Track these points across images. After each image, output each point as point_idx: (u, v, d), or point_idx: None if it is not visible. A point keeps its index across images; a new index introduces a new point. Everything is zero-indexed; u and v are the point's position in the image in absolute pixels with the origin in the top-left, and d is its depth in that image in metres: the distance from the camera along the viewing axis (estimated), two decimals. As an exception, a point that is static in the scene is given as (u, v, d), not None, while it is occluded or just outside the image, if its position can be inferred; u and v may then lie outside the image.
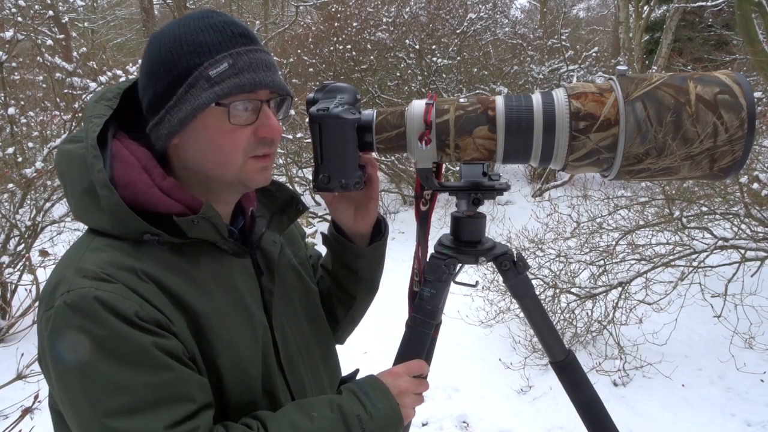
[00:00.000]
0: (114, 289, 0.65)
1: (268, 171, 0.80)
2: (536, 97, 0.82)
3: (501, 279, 1.17)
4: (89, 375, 0.63)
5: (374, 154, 0.95)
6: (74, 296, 0.64)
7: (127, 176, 0.72)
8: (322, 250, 1.09)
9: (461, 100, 0.85)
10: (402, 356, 0.92)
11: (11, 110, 3.72)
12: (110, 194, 0.69)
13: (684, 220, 3.58)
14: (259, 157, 0.77)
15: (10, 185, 3.47)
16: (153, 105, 0.74)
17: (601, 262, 3.67)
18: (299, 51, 8.35)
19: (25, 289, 3.72)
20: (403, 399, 0.83)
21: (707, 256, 3.44)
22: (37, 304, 3.33)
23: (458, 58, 7.82)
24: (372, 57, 7.72)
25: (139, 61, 5.34)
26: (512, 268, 0.97)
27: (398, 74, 7.75)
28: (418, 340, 0.93)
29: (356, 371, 0.90)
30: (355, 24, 8.09)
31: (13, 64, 4.36)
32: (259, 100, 0.74)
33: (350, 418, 0.75)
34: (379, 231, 1.02)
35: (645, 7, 11.39)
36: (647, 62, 11.55)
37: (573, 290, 3.57)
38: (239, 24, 0.75)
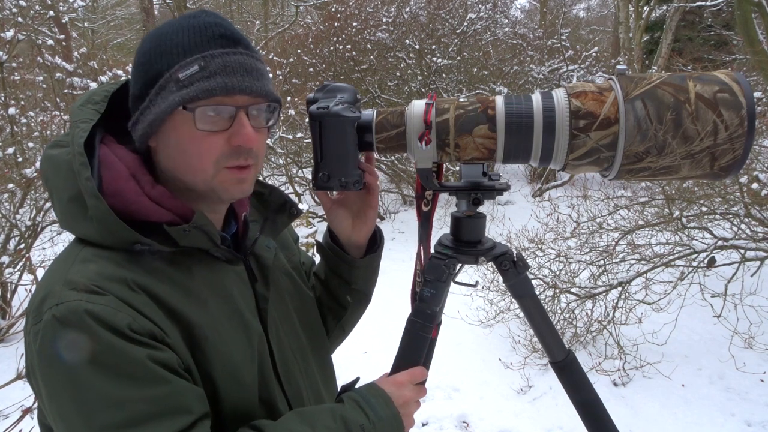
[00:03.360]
0: (105, 301, 0.63)
1: (246, 184, 0.75)
2: (536, 97, 0.82)
3: (501, 279, 1.17)
4: (82, 390, 0.61)
5: (374, 154, 0.94)
6: (64, 310, 0.61)
7: (116, 184, 0.69)
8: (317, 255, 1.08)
9: (461, 99, 0.85)
10: (401, 359, 0.92)
11: (11, 110, 3.72)
12: (99, 203, 0.66)
13: (684, 220, 3.58)
14: (235, 169, 0.73)
15: (10, 185, 3.48)
16: (133, 105, 0.73)
17: (601, 262, 3.67)
18: (299, 51, 8.35)
19: (25, 289, 3.72)
20: (407, 409, 0.82)
21: (707, 256, 3.44)
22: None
23: (458, 58, 7.82)
24: (372, 57, 7.72)
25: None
26: (512, 268, 0.97)
27: (398, 74, 7.76)
28: (417, 343, 0.93)
29: (357, 379, 0.88)
30: (355, 24, 8.09)
31: (13, 64, 4.37)
32: (234, 106, 0.70)
33: (354, 428, 0.74)
34: (375, 242, 1.01)
35: (645, 7, 11.39)
36: (647, 62, 11.56)
37: (573, 290, 3.57)
38: (225, 25, 0.71)
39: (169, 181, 0.75)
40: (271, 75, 0.81)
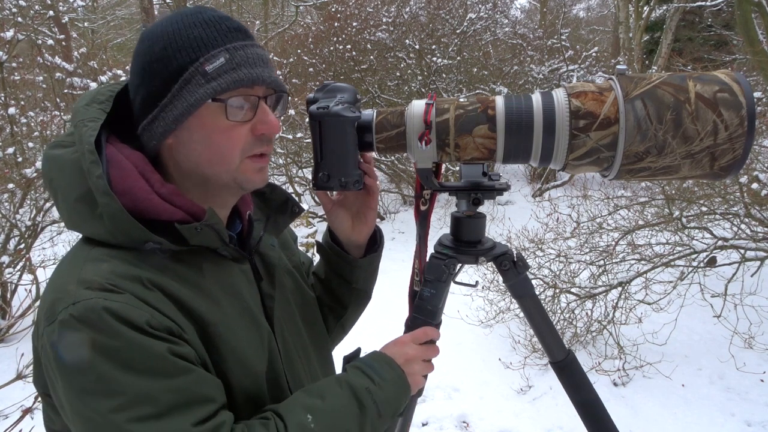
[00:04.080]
0: (123, 299, 0.63)
1: (265, 172, 0.78)
2: (536, 97, 0.82)
3: (501, 279, 1.17)
4: (107, 388, 0.61)
5: (374, 154, 0.94)
6: (81, 308, 0.61)
7: (125, 183, 0.69)
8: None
9: (461, 99, 0.85)
10: None
11: (11, 110, 3.71)
12: (111, 201, 0.66)
13: (684, 220, 3.58)
14: (256, 157, 0.75)
15: (10, 185, 3.48)
16: (147, 103, 0.72)
17: (601, 262, 3.67)
18: (299, 51, 8.35)
19: (25, 289, 3.72)
20: (410, 367, 0.84)
21: (707, 256, 3.44)
22: (37, 304, 3.33)
23: (458, 58, 7.82)
24: (372, 57, 7.72)
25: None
26: (512, 268, 0.97)
27: (398, 74, 7.76)
28: None
29: (359, 349, 0.90)
30: (355, 24, 8.09)
31: (13, 64, 4.37)
32: (257, 96, 0.72)
33: (359, 391, 0.76)
34: (375, 242, 1.02)
35: (645, 7, 11.39)
36: (647, 62, 11.56)
37: (573, 290, 3.57)
38: (233, 19, 0.74)
39: (184, 179, 0.76)
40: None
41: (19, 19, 4.55)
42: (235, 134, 0.72)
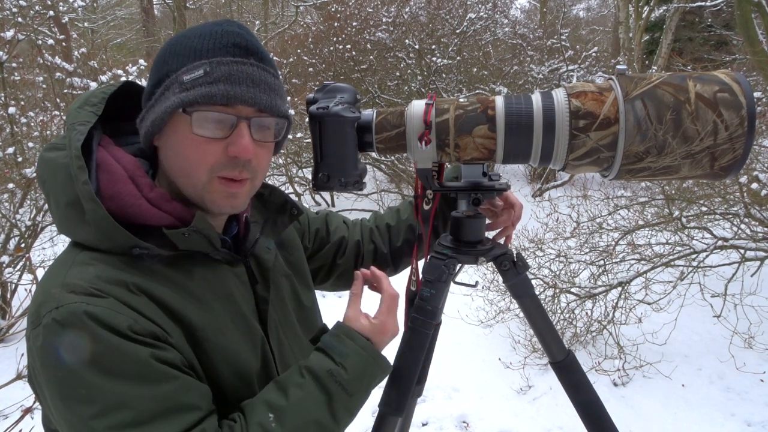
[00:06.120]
0: (105, 303, 0.63)
1: (238, 199, 0.74)
2: (536, 97, 0.82)
3: (501, 279, 1.18)
4: (86, 392, 0.61)
5: (374, 154, 0.95)
6: (64, 312, 0.61)
7: (114, 187, 0.69)
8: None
9: (461, 99, 0.85)
10: (401, 357, 0.92)
11: (11, 110, 3.71)
12: (96, 208, 0.66)
13: (684, 220, 3.58)
14: (228, 181, 0.71)
15: (10, 185, 3.47)
16: (144, 101, 0.74)
17: (601, 262, 3.67)
18: (299, 51, 8.35)
19: (25, 289, 3.72)
20: (379, 326, 0.83)
21: (707, 256, 3.44)
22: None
23: (458, 58, 7.82)
24: (372, 57, 7.72)
25: (140, 61, 5.30)
26: (512, 268, 0.97)
27: (398, 74, 7.76)
28: (418, 340, 0.93)
29: (323, 326, 0.90)
30: (355, 24, 8.09)
31: (13, 64, 4.37)
32: (236, 116, 0.69)
33: (322, 375, 0.74)
34: None
35: (645, 7, 11.39)
36: (647, 62, 11.56)
37: (573, 290, 3.57)
38: (242, 35, 0.70)
39: (171, 183, 0.75)
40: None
41: (19, 19, 4.55)
42: (203, 150, 0.69)
